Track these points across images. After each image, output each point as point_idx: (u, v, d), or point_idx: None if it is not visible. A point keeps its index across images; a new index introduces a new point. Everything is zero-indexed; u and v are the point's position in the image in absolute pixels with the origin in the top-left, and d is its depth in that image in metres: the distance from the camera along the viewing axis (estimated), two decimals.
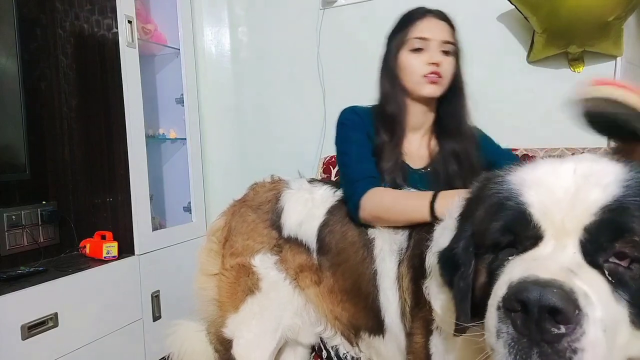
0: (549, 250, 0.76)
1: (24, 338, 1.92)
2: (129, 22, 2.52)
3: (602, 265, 0.73)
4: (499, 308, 0.72)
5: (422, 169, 1.69)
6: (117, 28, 2.47)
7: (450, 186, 1.49)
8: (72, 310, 2.13)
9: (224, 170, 3.25)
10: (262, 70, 3.10)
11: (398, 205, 1.41)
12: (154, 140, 2.89)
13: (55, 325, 2.05)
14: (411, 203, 1.39)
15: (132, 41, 2.53)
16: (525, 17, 2.26)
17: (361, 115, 1.68)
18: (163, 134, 2.98)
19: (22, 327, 1.92)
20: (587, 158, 0.85)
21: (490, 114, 1.82)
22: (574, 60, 2.33)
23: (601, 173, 0.78)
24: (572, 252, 0.74)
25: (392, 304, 1.35)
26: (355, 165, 1.57)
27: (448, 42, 1.62)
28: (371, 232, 1.48)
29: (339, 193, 1.61)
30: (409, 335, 1.29)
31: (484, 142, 1.72)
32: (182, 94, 3.00)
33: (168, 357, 1.85)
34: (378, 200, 1.44)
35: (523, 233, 0.79)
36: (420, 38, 1.61)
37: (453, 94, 1.67)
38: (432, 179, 1.64)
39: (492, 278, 0.81)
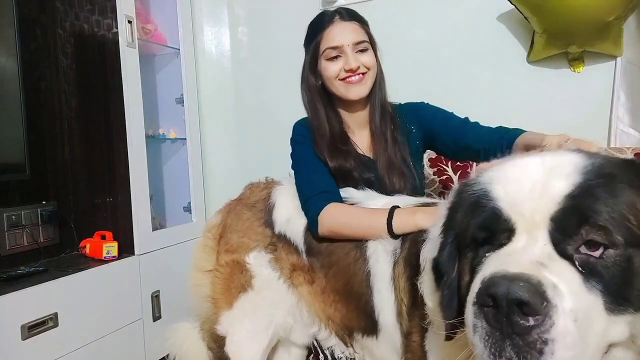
0: (522, 244, 0.78)
1: (24, 338, 1.92)
2: (129, 22, 2.52)
3: (572, 256, 0.75)
4: (474, 304, 0.74)
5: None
6: (117, 28, 2.47)
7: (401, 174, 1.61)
8: (72, 310, 2.12)
9: (224, 170, 3.25)
10: (262, 70, 3.10)
11: (355, 223, 1.45)
12: (154, 140, 2.89)
13: (55, 325, 2.05)
14: (368, 221, 1.43)
15: (132, 41, 2.53)
16: (525, 17, 2.26)
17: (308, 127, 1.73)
18: (163, 134, 2.98)
19: (22, 327, 1.92)
20: (553, 152, 0.88)
21: (490, 114, 1.82)
22: (574, 60, 2.34)
23: (563, 164, 0.81)
24: (542, 245, 0.76)
25: (388, 305, 1.36)
26: (306, 183, 1.61)
27: (361, 42, 1.66)
28: None
29: None
30: (406, 335, 1.29)
31: (425, 114, 1.74)
32: (182, 94, 3.01)
33: (168, 357, 1.85)
34: (335, 218, 1.48)
35: (496, 228, 0.81)
36: (333, 47, 1.65)
37: (376, 83, 1.71)
38: (382, 166, 1.68)
39: (473, 276, 0.83)
